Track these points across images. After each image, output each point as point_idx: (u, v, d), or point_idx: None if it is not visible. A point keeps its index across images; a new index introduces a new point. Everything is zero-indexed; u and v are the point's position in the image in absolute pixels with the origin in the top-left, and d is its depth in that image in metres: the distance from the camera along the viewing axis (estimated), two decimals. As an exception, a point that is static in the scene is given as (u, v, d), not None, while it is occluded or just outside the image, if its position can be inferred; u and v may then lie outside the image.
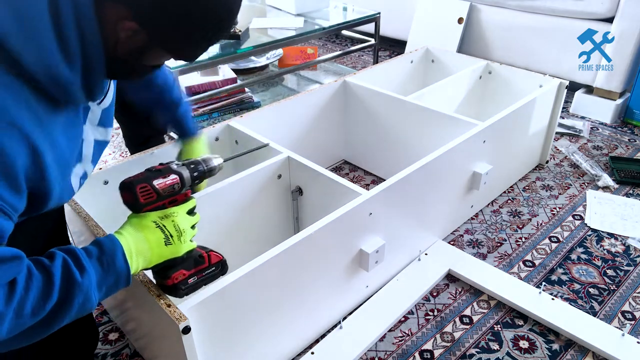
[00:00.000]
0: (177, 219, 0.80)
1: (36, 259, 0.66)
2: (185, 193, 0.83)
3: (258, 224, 1.31)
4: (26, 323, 0.63)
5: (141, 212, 0.79)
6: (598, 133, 2.11)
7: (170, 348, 0.92)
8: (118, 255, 0.73)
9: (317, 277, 1.09)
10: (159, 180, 0.78)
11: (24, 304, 0.62)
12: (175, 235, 0.79)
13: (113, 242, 0.73)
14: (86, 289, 0.68)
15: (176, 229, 0.79)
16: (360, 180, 1.80)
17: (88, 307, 0.69)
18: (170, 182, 0.79)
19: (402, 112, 1.61)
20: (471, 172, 1.45)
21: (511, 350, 1.16)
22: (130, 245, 0.75)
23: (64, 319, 0.67)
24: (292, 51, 2.61)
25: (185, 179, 0.82)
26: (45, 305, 0.64)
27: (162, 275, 0.82)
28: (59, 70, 0.63)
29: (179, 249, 0.80)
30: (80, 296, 0.67)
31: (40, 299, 0.63)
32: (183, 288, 0.83)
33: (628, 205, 1.63)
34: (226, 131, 1.44)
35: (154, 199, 0.78)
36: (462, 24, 2.58)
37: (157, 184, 0.78)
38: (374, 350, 1.16)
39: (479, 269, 1.36)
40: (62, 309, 0.66)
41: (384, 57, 3.00)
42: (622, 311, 1.25)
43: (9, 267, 0.61)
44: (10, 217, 0.63)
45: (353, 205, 1.08)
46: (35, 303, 0.63)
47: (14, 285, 0.61)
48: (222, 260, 0.88)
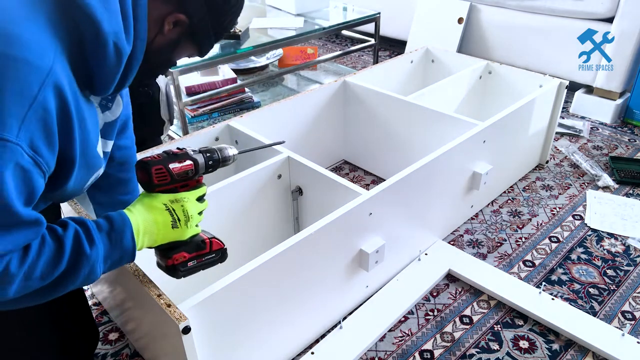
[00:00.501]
0: (186, 204, 0.82)
1: (50, 226, 0.70)
2: (197, 179, 0.85)
3: (258, 224, 1.31)
4: (33, 286, 0.67)
5: (153, 192, 0.81)
6: (598, 133, 2.11)
7: (170, 348, 0.92)
8: (127, 233, 0.75)
9: (317, 277, 1.09)
10: (174, 164, 0.80)
11: (34, 268, 0.65)
12: (183, 220, 0.81)
13: (123, 219, 0.76)
14: (93, 261, 0.71)
15: (184, 213, 0.81)
16: (360, 180, 1.80)
17: (92, 278, 0.73)
18: (185, 167, 0.81)
19: (402, 112, 1.61)
20: (471, 172, 1.45)
21: (511, 350, 1.16)
22: (139, 224, 0.78)
23: (69, 286, 0.71)
24: (292, 51, 2.61)
25: (200, 165, 0.83)
26: (54, 272, 0.68)
27: (163, 255, 0.83)
28: (123, 41, 0.69)
29: (184, 233, 0.82)
30: (87, 267, 0.71)
31: (49, 265, 0.67)
32: (182, 270, 0.84)
33: (628, 205, 1.63)
34: (226, 131, 1.44)
35: (167, 181, 0.80)
36: (462, 24, 2.58)
37: (172, 168, 0.80)
38: (374, 350, 1.16)
39: (479, 269, 1.36)
40: (69, 276, 0.70)
41: (384, 57, 3.00)
42: (622, 311, 1.25)
43: (28, 232, 0.64)
44: (44, 174, 0.66)
45: (353, 205, 1.08)
46: (45, 269, 0.67)
47: (28, 250, 0.65)
48: (222, 248, 0.88)
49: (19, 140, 0.60)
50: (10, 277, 0.63)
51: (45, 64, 0.63)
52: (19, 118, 0.60)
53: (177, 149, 0.83)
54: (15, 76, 0.60)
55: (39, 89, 0.62)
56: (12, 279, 0.64)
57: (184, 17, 0.77)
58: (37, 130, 0.62)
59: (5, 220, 0.62)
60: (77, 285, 0.72)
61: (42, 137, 0.63)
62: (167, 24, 0.77)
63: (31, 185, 0.64)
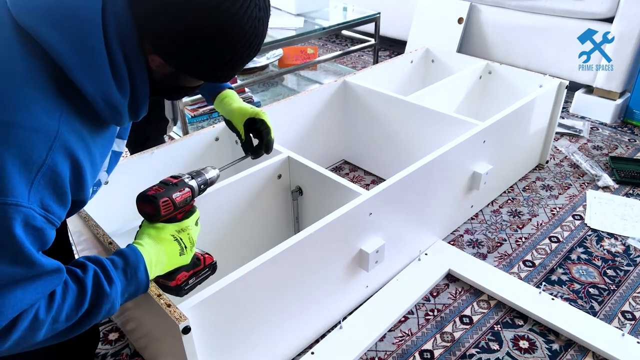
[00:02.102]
0: (191, 232, 0.87)
1: (70, 269, 0.73)
2: (190, 203, 0.89)
3: (258, 224, 1.31)
4: (59, 328, 0.70)
5: (157, 223, 0.84)
6: (598, 133, 2.11)
7: (170, 348, 0.92)
8: (140, 267, 0.79)
9: (317, 277, 1.09)
10: (177, 194, 0.85)
11: (61, 312, 0.69)
12: (189, 247, 0.86)
13: (136, 254, 0.79)
14: (113, 298, 0.75)
15: (190, 241, 0.86)
16: (360, 180, 1.80)
17: (111, 312, 0.77)
18: (185, 195, 0.86)
19: (402, 112, 1.61)
20: (471, 172, 1.45)
21: (511, 350, 1.15)
22: (152, 257, 0.81)
23: (91, 323, 0.74)
24: (292, 51, 2.61)
25: (195, 191, 0.88)
26: (78, 313, 0.71)
27: (167, 277, 0.86)
28: (114, 96, 0.70)
29: (188, 258, 0.87)
30: (108, 304, 0.74)
31: (74, 307, 0.70)
32: (185, 288, 0.88)
33: (628, 205, 1.63)
34: (226, 131, 1.44)
35: (171, 210, 0.85)
36: (462, 24, 2.58)
37: (175, 198, 0.84)
38: (374, 350, 1.16)
39: (479, 269, 1.36)
40: (91, 315, 0.73)
41: (384, 57, 3.00)
42: (622, 311, 1.25)
43: (52, 279, 0.67)
44: (55, 227, 0.70)
45: (353, 205, 1.08)
46: (70, 311, 0.70)
47: (53, 296, 0.68)
48: (213, 262, 0.93)
49: (30, 204, 0.63)
50: (40, 323, 0.67)
51: (51, 129, 0.65)
52: (28, 183, 0.63)
53: (172, 178, 0.87)
54: (22, 144, 0.62)
55: (47, 154, 0.64)
56: (41, 325, 0.67)
57: (159, 59, 0.72)
58: (47, 191, 0.65)
59: (30, 273, 0.65)
60: (98, 320, 0.75)
61: (52, 196, 0.66)
62: (152, 62, 0.73)
63: (44, 239, 0.68)
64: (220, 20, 0.68)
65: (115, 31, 0.68)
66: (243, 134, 1.15)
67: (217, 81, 0.79)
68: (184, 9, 0.67)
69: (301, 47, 2.65)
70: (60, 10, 0.65)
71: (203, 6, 0.66)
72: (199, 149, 1.40)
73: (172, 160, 1.35)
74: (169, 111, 1.59)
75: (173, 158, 1.35)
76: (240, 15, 0.69)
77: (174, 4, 0.66)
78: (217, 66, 0.74)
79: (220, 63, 0.73)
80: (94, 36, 0.66)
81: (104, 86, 0.68)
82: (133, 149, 1.53)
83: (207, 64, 0.73)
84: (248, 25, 0.70)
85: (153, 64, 0.74)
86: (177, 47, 0.70)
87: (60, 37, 0.65)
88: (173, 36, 0.69)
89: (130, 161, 1.26)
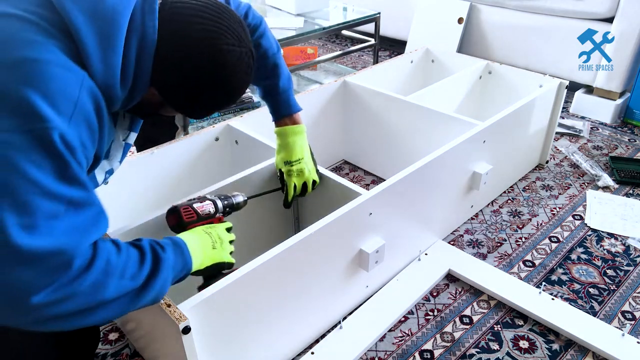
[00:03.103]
0: (218, 231, 0.96)
1: (126, 243, 0.76)
2: (219, 217, 1.00)
3: (258, 224, 1.31)
4: (126, 287, 0.71)
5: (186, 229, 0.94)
6: (598, 133, 2.11)
7: (170, 348, 0.92)
8: (183, 246, 0.84)
9: (317, 277, 1.09)
10: (197, 204, 0.98)
11: (127, 267, 0.71)
12: (219, 242, 0.93)
13: (176, 238, 0.85)
14: (168, 266, 0.78)
15: (219, 237, 0.94)
16: (360, 180, 1.80)
17: (164, 289, 0.78)
18: (207, 206, 0.98)
19: (402, 112, 1.61)
20: (471, 172, 1.45)
21: (511, 350, 1.16)
22: (189, 243, 0.87)
23: (152, 291, 0.75)
24: (292, 51, 2.61)
25: (218, 205, 1.01)
26: (141, 273, 0.73)
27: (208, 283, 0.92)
28: (115, 90, 0.75)
29: (222, 254, 0.93)
30: (165, 271, 0.77)
31: (137, 266, 0.73)
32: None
33: (628, 205, 1.63)
34: (226, 131, 1.44)
35: (195, 219, 0.96)
36: (462, 24, 2.58)
37: (196, 207, 0.97)
38: (374, 350, 1.16)
39: (479, 269, 1.36)
40: (153, 280, 0.75)
41: (384, 57, 3.00)
42: (622, 311, 1.25)
43: (99, 213, 0.70)
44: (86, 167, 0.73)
45: (353, 205, 1.08)
46: (134, 270, 0.73)
47: (119, 248, 0.72)
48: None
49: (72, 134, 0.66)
50: (112, 268, 0.69)
51: (78, 70, 0.69)
52: (67, 117, 0.66)
53: (197, 197, 1.01)
54: (57, 79, 0.65)
55: (78, 91, 0.68)
56: (113, 270, 0.69)
57: (156, 91, 0.81)
58: (83, 127, 0.69)
59: (80, 195, 0.67)
60: (157, 290, 0.76)
61: (87, 134, 0.70)
62: (149, 90, 0.81)
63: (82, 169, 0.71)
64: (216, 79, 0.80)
65: (137, 42, 0.75)
66: (279, 179, 1.23)
67: (193, 117, 0.91)
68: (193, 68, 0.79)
69: (301, 47, 2.65)
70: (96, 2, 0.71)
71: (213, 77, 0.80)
72: (199, 149, 1.40)
73: (172, 160, 1.36)
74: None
75: (173, 158, 1.35)
76: (234, 77, 0.82)
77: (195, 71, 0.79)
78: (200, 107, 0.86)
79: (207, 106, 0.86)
80: (117, 37, 0.72)
81: (111, 78, 0.73)
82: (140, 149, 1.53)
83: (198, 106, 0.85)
84: (238, 84, 0.84)
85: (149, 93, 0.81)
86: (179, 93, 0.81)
87: (88, 24, 0.70)
88: (178, 84, 0.80)
89: (131, 161, 1.26)
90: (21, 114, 0.62)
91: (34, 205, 0.61)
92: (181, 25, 0.77)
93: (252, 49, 0.85)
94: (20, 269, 0.60)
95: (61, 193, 0.64)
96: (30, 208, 0.61)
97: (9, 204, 0.60)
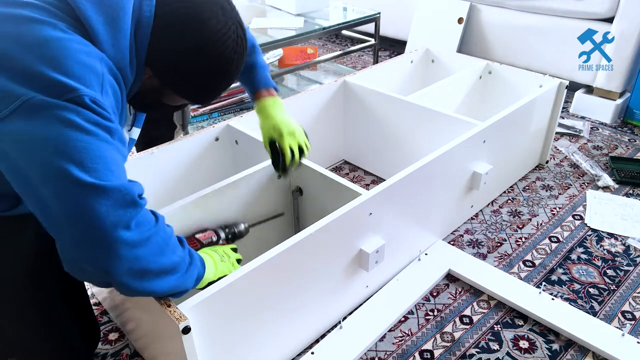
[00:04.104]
0: (224, 248, 1.03)
1: None
2: (221, 244, 1.07)
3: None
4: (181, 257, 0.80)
5: None
6: (598, 133, 2.11)
7: (170, 348, 0.92)
8: (196, 256, 0.88)
9: (317, 277, 1.09)
10: (199, 234, 1.07)
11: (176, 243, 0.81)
12: (226, 256, 1.00)
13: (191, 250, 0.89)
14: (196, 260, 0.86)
15: (225, 252, 1.01)
16: (360, 180, 1.80)
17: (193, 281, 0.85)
18: (209, 235, 1.08)
19: (402, 112, 1.61)
20: (471, 172, 1.45)
21: (511, 350, 1.15)
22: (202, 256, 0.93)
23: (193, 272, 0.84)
24: (292, 51, 2.61)
25: (220, 233, 1.09)
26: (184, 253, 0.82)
27: None
28: (126, 72, 0.79)
29: (230, 268, 0.98)
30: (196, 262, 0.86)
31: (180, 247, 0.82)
32: None
33: (628, 205, 1.63)
34: (226, 131, 1.44)
35: (198, 247, 1.04)
36: (462, 24, 2.58)
37: (199, 237, 1.07)
38: (374, 350, 1.16)
39: (479, 269, 1.36)
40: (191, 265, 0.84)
41: (384, 57, 3.00)
42: (622, 311, 1.25)
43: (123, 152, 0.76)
44: None
45: (353, 205, 1.08)
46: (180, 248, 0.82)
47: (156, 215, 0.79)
48: None
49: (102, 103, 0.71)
50: (170, 235, 0.79)
51: (96, 49, 0.74)
52: (99, 87, 0.71)
53: (199, 229, 1.09)
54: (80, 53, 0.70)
55: (101, 66, 0.73)
56: (170, 236, 0.79)
57: (150, 72, 0.83)
58: (112, 99, 0.75)
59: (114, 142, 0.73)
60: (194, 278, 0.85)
61: (114, 106, 0.75)
62: (145, 72, 0.84)
63: None
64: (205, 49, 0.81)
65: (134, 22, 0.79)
66: (269, 152, 1.20)
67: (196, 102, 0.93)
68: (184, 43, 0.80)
69: (301, 47, 2.65)
70: None
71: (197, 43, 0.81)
72: (199, 149, 1.40)
73: (172, 160, 1.36)
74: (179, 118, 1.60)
75: (173, 158, 1.35)
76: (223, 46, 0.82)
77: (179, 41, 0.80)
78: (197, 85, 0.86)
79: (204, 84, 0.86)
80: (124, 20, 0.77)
81: (119, 52, 0.77)
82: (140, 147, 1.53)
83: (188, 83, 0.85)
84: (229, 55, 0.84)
85: (146, 74, 0.83)
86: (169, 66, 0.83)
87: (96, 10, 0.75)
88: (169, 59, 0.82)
89: (131, 161, 1.26)
90: (54, 87, 0.67)
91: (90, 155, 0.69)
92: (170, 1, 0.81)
93: (240, 22, 0.86)
94: (96, 201, 0.68)
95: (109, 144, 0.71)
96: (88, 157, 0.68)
97: (69, 158, 0.67)
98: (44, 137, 0.67)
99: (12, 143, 0.68)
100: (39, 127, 0.67)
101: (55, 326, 0.99)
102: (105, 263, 0.69)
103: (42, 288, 0.94)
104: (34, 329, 0.96)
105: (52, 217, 0.69)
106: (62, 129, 0.67)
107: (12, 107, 0.66)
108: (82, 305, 1.09)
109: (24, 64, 0.68)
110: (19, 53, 0.68)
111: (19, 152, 0.68)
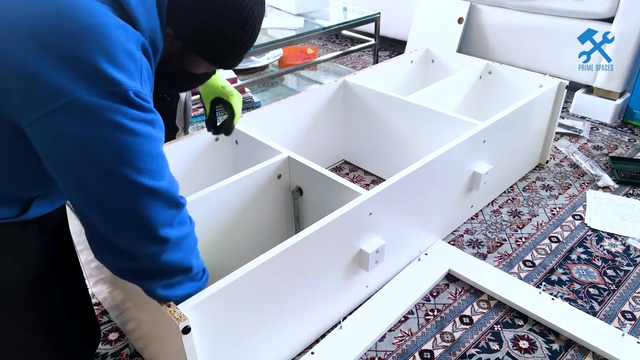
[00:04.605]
0: None
1: None
2: None
3: (258, 224, 1.31)
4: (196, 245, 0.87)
5: None
6: (598, 133, 2.11)
7: (170, 348, 0.92)
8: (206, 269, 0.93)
9: (317, 277, 1.09)
10: None
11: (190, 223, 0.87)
12: None
13: None
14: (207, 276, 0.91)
15: None
16: (360, 180, 1.80)
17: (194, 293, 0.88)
18: None
19: (402, 112, 1.61)
20: (471, 172, 1.45)
21: (511, 350, 1.16)
22: None
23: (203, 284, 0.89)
24: (292, 51, 2.61)
25: None
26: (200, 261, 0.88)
27: None
28: (158, 38, 0.81)
29: None
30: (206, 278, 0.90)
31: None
32: None
33: (628, 205, 1.63)
34: (226, 131, 1.44)
35: None
36: (462, 24, 2.58)
37: None
38: (374, 350, 1.16)
39: (479, 269, 1.36)
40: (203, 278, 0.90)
41: (384, 57, 3.00)
42: (622, 311, 1.25)
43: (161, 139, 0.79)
44: None
45: (353, 205, 1.08)
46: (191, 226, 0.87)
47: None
48: None
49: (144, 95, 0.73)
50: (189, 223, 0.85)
51: (132, 29, 0.74)
52: (138, 75, 0.72)
53: None
54: (119, 40, 0.70)
55: (136, 49, 0.73)
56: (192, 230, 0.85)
57: (172, 33, 0.83)
58: (148, 85, 0.76)
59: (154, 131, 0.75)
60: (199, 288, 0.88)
61: (149, 89, 0.77)
62: (166, 37, 0.83)
63: None
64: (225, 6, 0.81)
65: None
66: (207, 110, 1.26)
67: (219, 64, 0.91)
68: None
69: (301, 47, 2.65)
70: None
71: None
72: (199, 149, 1.40)
73: (172, 160, 1.34)
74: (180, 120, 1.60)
75: (173, 158, 1.35)
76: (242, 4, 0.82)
77: None
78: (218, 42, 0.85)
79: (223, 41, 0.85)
80: None
81: (152, 23, 0.78)
82: None
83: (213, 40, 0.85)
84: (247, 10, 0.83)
85: (169, 38, 0.83)
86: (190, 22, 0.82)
87: None
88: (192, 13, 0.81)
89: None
90: (100, 80, 0.68)
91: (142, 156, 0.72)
92: None
93: None
94: (150, 202, 0.74)
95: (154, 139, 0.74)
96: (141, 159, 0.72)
97: (125, 163, 0.71)
98: (96, 140, 0.69)
99: (59, 141, 0.69)
100: (88, 129, 0.68)
101: (56, 327, 0.99)
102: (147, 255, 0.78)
103: (43, 289, 0.94)
104: (34, 329, 0.96)
105: (101, 212, 0.75)
106: (113, 132, 0.69)
107: (57, 104, 0.67)
108: (83, 306, 1.09)
109: (69, 50, 0.67)
110: (65, 37, 0.68)
111: (68, 151, 0.70)
